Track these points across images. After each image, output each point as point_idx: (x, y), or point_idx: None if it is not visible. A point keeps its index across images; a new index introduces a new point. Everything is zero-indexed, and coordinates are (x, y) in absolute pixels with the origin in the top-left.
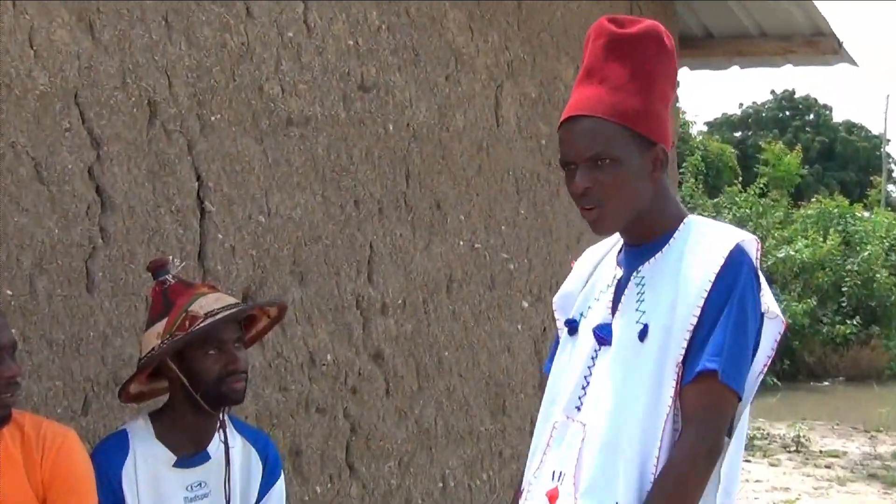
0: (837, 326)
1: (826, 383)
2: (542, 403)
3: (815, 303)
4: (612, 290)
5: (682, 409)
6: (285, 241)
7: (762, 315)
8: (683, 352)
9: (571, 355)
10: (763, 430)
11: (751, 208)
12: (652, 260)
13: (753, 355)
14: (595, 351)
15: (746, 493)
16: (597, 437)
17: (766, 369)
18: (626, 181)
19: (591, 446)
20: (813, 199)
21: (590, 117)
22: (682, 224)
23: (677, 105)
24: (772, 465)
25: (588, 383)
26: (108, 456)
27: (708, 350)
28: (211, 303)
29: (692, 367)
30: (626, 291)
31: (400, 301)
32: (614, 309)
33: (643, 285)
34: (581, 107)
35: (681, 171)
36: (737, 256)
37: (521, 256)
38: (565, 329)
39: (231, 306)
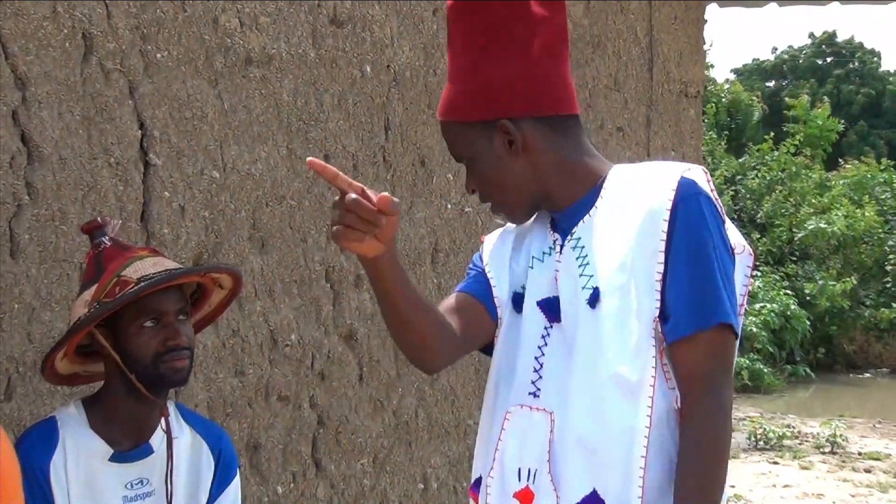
0: (882, 310)
1: (867, 375)
2: (486, 389)
3: (855, 282)
4: (554, 258)
5: (677, 369)
6: (243, 202)
7: (732, 251)
8: (658, 304)
9: (520, 335)
10: (794, 427)
11: (782, 169)
12: (586, 218)
13: None
14: (546, 329)
15: (774, 501)
16: (569, 425)
17: (743, 310)
18: (492, 175)
19: (565, 437)
20: (847, 163)
21: (442, 122)
22: (607, 175)
23: (703, 48)
24: (803, 468)
25: (541, 365)
26: (34, 447)
27: (694, 300)
28: (147, 267)
29: (680, 320)
30: (563, 258)
31: None
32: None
33: (581, 247)
34: (438, 111)
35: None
36: (687, 189)
37: None
38: (510, 304)
39: (169, 271)
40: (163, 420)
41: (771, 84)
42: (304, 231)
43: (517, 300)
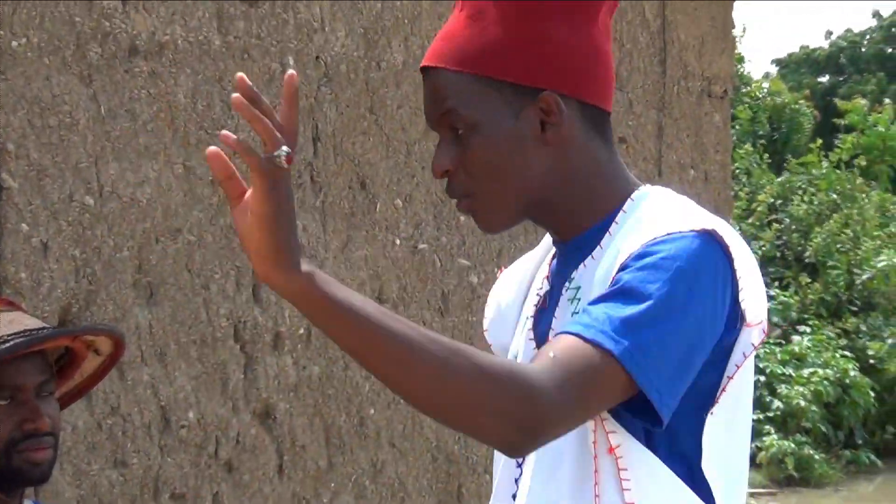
0: None
1: None
2: None
3: None
4: (534, 314)
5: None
6: (126, 236)
7: (738, 319)
8: None
9: None
10: None
11: (835, 190)
12: (588, 261)
13: (706, 371)
14: None
15: None
16: None
17: (729, 384)
18: (495, 155)
19: None
20: None
21: (436, 69)
22: (629, 201)
23: (732, 33)
24: None
25: (523, 459)
26: None
27: (589, 312)
28: (1, 326)
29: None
30: (558, 311)
31: (302, 330)
32: (539, 340)
33: (578, 300)
34: (430, 54)
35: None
36: (671, 235)
37: (488, 262)
38: None
39: (28, 333)
40: None
41: (824, 79)
42: (206, 275)
43: None
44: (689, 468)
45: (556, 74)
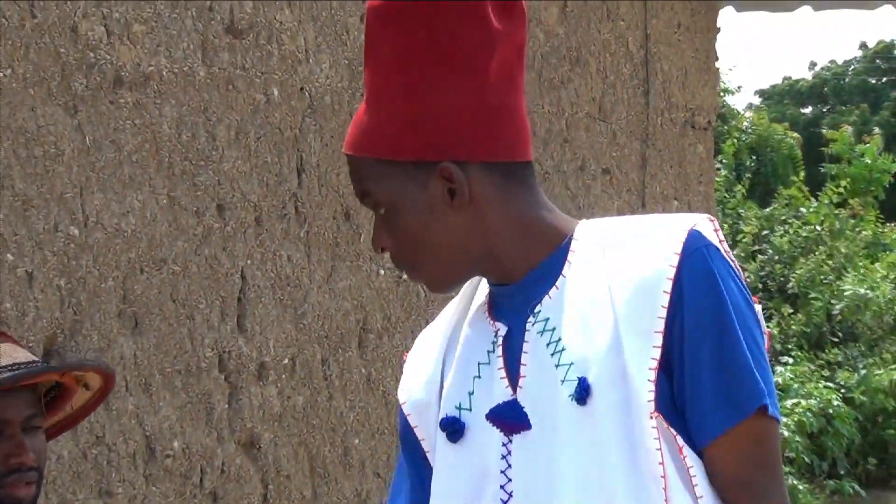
0: None
1: None
2: None
3: None
4: (501, 354)
5: (716, 478)
6: (111, 266)
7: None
8: (653, 395)
9: (462, 468)
10: None
11: (821, 223)
12: (552, 292)
13: None
14: (505, 445)
15: None
16: None
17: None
18: (419, 230)
19: None
20: None
21: (350, 157)
22: (573, 235)
23: (716, 65)
24: None
25: (510, 495)
26: None
27: (720, 387)
28: None
29: (706, 417)
30: (527, 346)
31: (287, 360)
32: (514, 378)
33: (552, 329)
34: (346, 140)
35: (718, 164)
36: (696, 243)
37: None
38: (441, 435)
39: (17, 367)
40: None
41: (808, 110)
42: (191, 305)
43: (455, 426)
44: None
45: (447, 145)
